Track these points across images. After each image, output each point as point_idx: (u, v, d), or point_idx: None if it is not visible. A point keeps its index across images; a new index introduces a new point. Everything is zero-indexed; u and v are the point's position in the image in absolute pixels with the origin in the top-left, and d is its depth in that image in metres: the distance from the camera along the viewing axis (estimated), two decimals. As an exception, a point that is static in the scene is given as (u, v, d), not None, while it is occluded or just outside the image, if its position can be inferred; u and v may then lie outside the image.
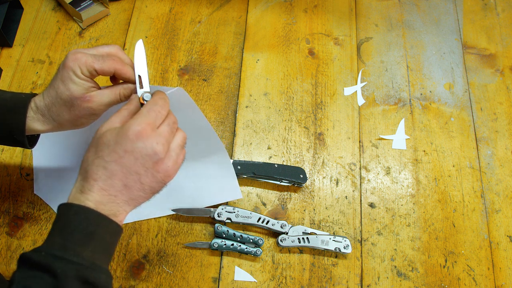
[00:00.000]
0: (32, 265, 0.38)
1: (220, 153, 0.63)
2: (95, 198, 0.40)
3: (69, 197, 0.42)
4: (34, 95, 0.48)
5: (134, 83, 0.47)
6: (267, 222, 0.66)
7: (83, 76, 0.45)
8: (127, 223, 0.66)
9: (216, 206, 0.67)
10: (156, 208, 0.67)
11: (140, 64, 0.47)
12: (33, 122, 0.47)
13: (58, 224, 0.41)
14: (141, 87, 0.47)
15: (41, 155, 0.68)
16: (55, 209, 0.66)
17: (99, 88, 0.47)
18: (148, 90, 0.47)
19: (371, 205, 0.71)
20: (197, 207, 0.66)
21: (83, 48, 0.60)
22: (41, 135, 0.55)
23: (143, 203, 0.44)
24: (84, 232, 0.39)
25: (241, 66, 0.80)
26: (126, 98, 0.47)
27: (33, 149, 0.69)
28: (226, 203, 0.69)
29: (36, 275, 0.37)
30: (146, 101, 0.45)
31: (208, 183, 0.67)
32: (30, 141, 0.52)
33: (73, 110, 0.46)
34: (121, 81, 0.49)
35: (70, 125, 0.48)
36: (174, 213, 0.67)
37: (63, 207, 0.41)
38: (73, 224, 0.39)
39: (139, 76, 0.47)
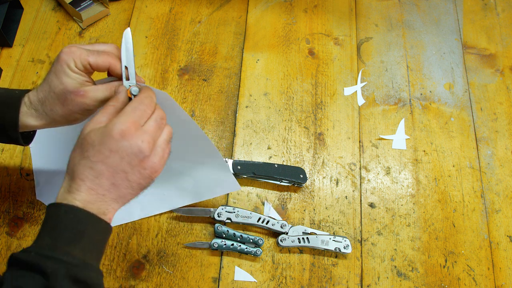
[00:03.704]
0: (22, 265, 0.37)
1: (209, 150, 0.61)
2: (83, 198, 0.40)
3: (57, 197, 0.41)
4: (28, 91, 0.47)
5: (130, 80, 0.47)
6: (267, 222, 0.66)
7: (77, 69, 0.44)
8: (127, 223, 0.66)
9: (216, 206, 0.67)
10: (156, 205, 0.67)
11: (128, 54, 0.46)
12: (27, 117, 0.46)
13: (47, 224, 0.40)
14: (127, 79, 0.46)
15: (40, 160, 0.68)
16: None
17: (94, 84, 0.47)
18: (135, 83, 0.46)
19: (371, 205, 0.71)
20: (197, 208, 0.66)
21: None
22: (38, 139, 0.55)
23: (131, 199, 0.44)
24: (74, 231, 0.39)
25: (241, 66, 0.80)
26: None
27: (32, 154, 0.69)
28: (226, 203, 0.69)
29: (27, 275, 0.37)
30: (133, 95, 0.45)
31: (204, 178, 0.66)
32: (26, 138, 0.51)
33: (67, 105, 0.45)
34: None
35: (63, 120, 0.47)
36: (174, 207, 0.67)
37: (52, 207, 0.41)
38: (63, 224, 0.39)
39: (125, 67, 0.46)
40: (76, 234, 0.39)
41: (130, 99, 0.45)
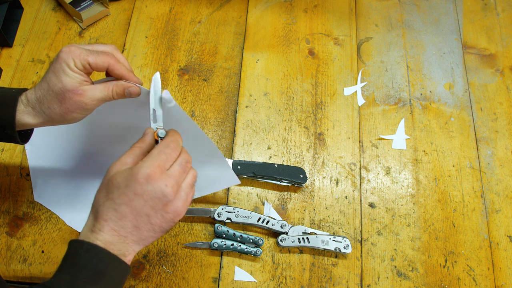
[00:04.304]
0: None
1: (209, 147, 0.60)
2: (105, 238, 0.40)
3: (80, 234, 0.42)
4: (25, 89, 0.48)
5: (126, 80, 0.47)
6: (267, 222, 0.66)
7: (76, 69, 0.45)
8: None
9: (216, 206, 0.67)
10: None
11: (156, 97, 0.47)
12: (24, 115, 0.47)
13: (67, 261, 0.41)
14: (155, 121, 0.47)
15: (36, 161, 0.68)
16: (58, 213, 0.66)
17: (92, 83, 0.47)
18: (162, 125, 0.47)
19: (371, 205, 0.71)
20: (197, 208, 0.66)
21: None
22: (33, 140, 0.55)
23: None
24: (94, 270, 0.39)
25: (241, 66, 0.80)
26: (119, 95, 0.47)
27: (27, 155, 0.69)
28: (226, 203, 0.69)
29: None
30: (160, 138, 0.46)
31: (205, 175, 0.64)
32: (23, 136, 0.52)
33: (64, 103, 0.45)
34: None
35: (61, 119, 0.47)
36: None
37: (74, 244, 0.41)
38: (83, 262, 0.39)
39: (153, 110, 0.47)
40: (96, 274, 0.39)
41: (156, 141, 0.46)
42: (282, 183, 0.70)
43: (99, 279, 0.39)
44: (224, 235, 0.65)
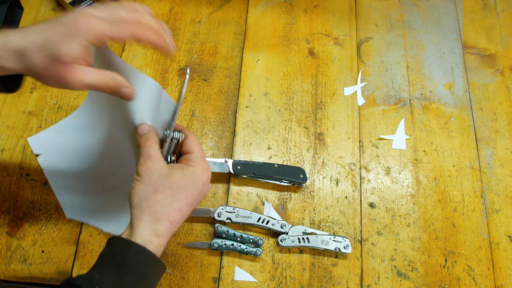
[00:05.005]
0: None
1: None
2: (161, 242, 0.42)
3: (136, 235, 0.42)
4: (7, 28, 0.41)
5: (158, 47, 0.42)
6: (267, 222, 0.66)
7: (86, 43, 0.39)
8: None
9: (216, 206, 0.67)
10: None
11: (175, 116, 0.50)
12: None
13: (115, 259, 0.41)
14: (168, 129, 0.49)
15: (55, 176, 0.67)
16: (94, 224, 0.65)
17: (89, 64, 0.41)
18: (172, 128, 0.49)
19: (371, 205, 0.71)
20: (197, 208, 0.66)
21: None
22: (45, 147, 0.55)
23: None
24: (140, 273, 0.40)
25: (241, 66, 0.80)
26: (111, 90, 0.42)
27: (43, 168, 0.67)
28: (226, 203, 0.69)
29: None
30: (176, 139, 0.49)
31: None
32: (8, 85, 0.50)
33: (48, 68, 0.39)
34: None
35: (33, 75, 0.41)
36: None
37: (121, 243, 0.42)
38: (130, 264, 0.40)
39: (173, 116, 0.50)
40: (140, 276, 0.40)
41: (174, 143, 0.49)
42: (282, 183, 0.70)
43: (143, 280, 0.41)
44: (224, 235, 0.65)
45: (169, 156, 0.50)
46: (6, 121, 0.72)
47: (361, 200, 0.71)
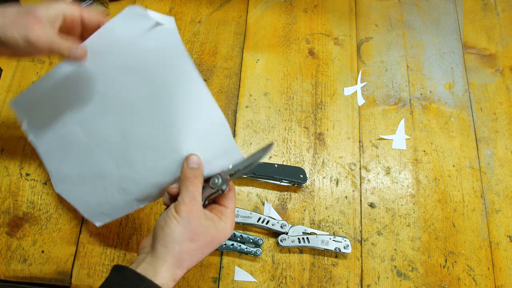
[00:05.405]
0: None
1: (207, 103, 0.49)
2: (172, 284, 0.44)
3: (156, 276, 0.43)
4: None
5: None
6: (267, 222, 0.66)
7: (60, 15, 0.48)
8: (127, 223, 0.66)
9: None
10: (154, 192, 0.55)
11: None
12: None
13: None
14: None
15: (43, 142, 0.59)
16: (75, 204, 0.59)
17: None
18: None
19: (371, 205, 0.71)
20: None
21: None
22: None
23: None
24: None
25: (241, 66, 0.80)
26: (62, 51, 0.47)
27: (30, 139, 0.59)
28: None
29: None
30: (220, 189, 0.47)
31: (200, 147, 0.50)
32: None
33: (19, 19, 0.45)
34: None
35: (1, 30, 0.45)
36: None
37: (134, 276, 0.42)
38: None
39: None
40: None
41: (210, 186, 0.48)
42: (282, 183, 0.70)
43: None
44: (224, 235, 0.65)
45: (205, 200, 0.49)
46: (6, 121, 0.72)
47: (361, 200, 0.71)
